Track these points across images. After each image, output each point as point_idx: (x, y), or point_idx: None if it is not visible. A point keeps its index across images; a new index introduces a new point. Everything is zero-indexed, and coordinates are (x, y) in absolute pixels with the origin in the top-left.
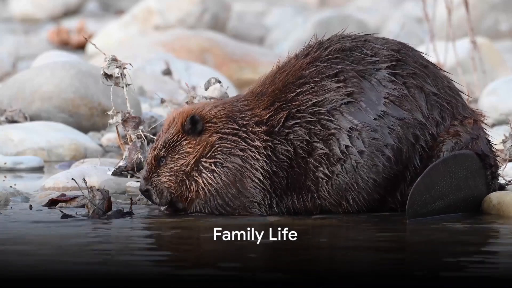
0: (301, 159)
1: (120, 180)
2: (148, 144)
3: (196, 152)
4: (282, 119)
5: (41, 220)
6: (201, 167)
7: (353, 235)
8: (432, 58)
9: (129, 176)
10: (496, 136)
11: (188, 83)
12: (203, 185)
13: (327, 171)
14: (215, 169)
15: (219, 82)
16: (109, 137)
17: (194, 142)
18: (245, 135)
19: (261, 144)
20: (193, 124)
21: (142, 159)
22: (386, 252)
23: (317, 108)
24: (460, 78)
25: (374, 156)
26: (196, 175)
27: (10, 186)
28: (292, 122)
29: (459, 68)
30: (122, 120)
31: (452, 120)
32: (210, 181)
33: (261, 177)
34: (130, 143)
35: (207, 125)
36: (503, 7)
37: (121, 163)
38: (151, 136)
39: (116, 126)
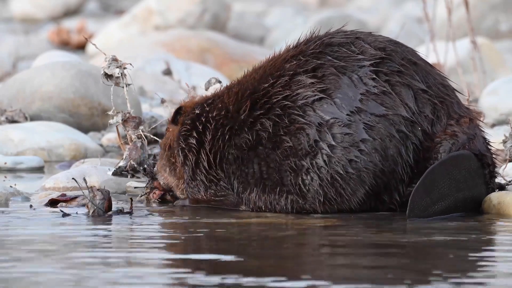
0: (265, 150)
1: (120, 180)
2: (148, 144)
3: (169, 138)
4: (248, 108)
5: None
6: (174, 152)
7: (352, 235)
8: (432, 58)
9: (129, 176)
10: (496, 136)
11: (188, 83)
12: (179, 169)
13: (293, 165)
14: (181, 154)
15: (220, 82)
16: (109, 137)
17: (171, 130)
18: (204, 120)
19: (223, 129)
20: (176, 115)
21: (143, 159)
22: (385, 252)
23: (287, 103)
24: (460, 78)
25: (350, 151)
26: (173, 160)
27: (10, 186)
28: (259, 112)
29: (459, 68)
30: (122, 120)
31: (448, 119)
32: (179, 165)
33: (215, 163)
34: (130, 143)
35: (182, 116)
36: (503, 7)
37: (121, 163)
38: (151, 136)
39: (117, 126)
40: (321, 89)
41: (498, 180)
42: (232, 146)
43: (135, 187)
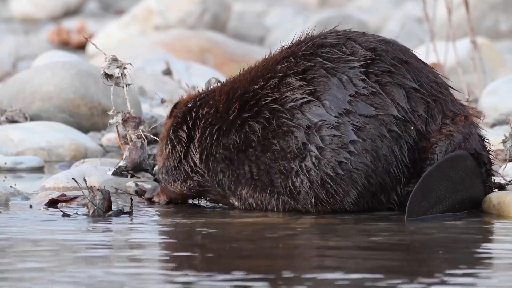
0: (255, 153)
1: (120, 180)
2: (148, 144)
3: (164, 130)
4: (236, 109)
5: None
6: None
7: (350, 234)
8: (432, 58)
9: (129, 176)
10: (496, 136)
11: (188, 83)
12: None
13: (282, 168)
14: (169, 144)
15: (220, 82)
16: (110, 137)
17: (167, 123)
18: (195, 115)
19: (211, 128)
20: (172, 110)
21: (143, 159)
22: (384, 251)
23: (275, 106)
24: (460, 78)
25: (339, 153)
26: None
27: (11, 186)
28: (248, 114)
29: (459, 68)
30: (122, 120)
31: (443, 118)
32: (165, 153)
33: (201, 159)
34: (130, 143)
35: (177, 110)
36: (503, 7)
37: (121, 163)
38: (151, 136)
39: (117, 126)
40: (310, 91)
41: (498, 180)
42: (220, 146)
43: (136, 184)
